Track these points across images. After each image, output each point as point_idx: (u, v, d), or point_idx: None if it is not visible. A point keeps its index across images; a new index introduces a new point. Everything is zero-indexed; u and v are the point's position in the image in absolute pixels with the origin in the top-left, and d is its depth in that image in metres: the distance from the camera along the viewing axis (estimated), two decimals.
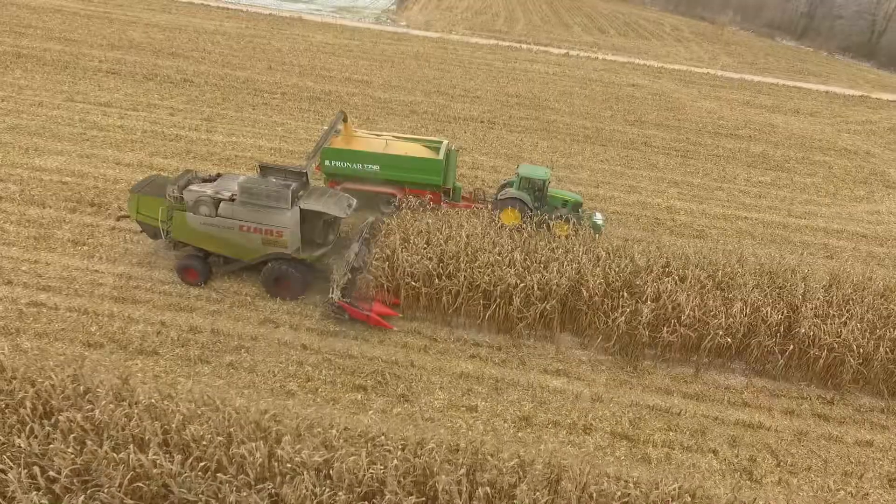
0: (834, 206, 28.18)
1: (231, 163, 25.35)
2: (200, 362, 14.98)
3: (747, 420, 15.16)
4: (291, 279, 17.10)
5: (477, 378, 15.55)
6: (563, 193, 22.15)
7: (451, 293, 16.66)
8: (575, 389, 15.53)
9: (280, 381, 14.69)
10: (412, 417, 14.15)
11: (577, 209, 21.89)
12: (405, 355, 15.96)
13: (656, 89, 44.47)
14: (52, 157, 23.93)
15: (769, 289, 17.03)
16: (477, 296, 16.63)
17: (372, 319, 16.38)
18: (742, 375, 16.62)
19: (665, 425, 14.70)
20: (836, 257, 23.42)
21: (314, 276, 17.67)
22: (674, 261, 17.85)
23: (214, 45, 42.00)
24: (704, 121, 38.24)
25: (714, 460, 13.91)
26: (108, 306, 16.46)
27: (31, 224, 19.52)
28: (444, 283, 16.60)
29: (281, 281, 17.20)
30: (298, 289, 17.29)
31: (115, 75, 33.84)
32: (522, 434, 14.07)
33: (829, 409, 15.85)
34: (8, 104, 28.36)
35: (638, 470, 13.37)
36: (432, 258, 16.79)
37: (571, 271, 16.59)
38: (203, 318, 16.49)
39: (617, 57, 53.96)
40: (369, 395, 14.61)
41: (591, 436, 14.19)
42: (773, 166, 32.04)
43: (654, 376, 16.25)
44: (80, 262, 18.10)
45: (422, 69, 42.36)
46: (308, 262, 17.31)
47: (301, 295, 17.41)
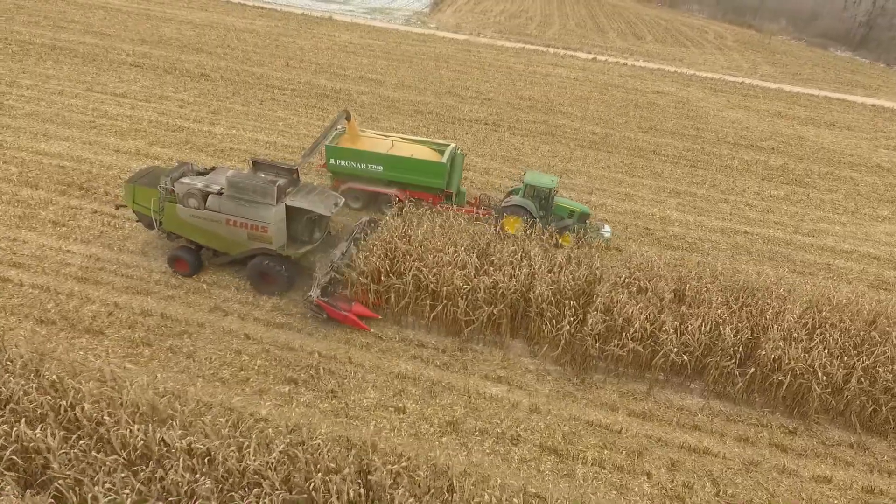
0: (850, 224, 26.26)
1: (225, 154, 25.91)
2: (143, 344, 15.28)
3: (694, 444, 14.21)
4: (276, 275, 17.11)
5: (413, 379, 15.21)
6: (571, 203, 21.56)
7: (399, 291, 16.41)
8: (514, 398, 14.97)
9: (214, 369, 14.79)
10: (337, 414, 13.98)
11: (584, 220, 21.28)
12: (345, 351, 15.81)
13: (682, 97, 42.81)
14: (58, 143, 25.11)
15: (737, 306, 15.93)
16: (424, 296, 16.32)
17: (349, 319, 16.23)
18: (700, 397, 15.61)
19: (601, 442, 13.95)
20: (838, 279, 21.81)
21: (299, 273, 17.64)
22: (638, 271, 16.97)
23: (240, 42, 43.23)
24: (726, 130, 36.49)
25: (646, 483, 13.10)
26: (70, 285, 17.04)
27: (20, 204, 20.49)
28: (392, 281, 16.37)
29: (265, 276, 17.25)
30: (283, 285, 17.29)
31: (137, 68, 35.28)
32: (446, 439, 13.65)
33: (791, 439, 14.67)
34: (31, 92, 29.98)
35: (559, 486, 12.78)
36: (381, 255, 16.56)
37: (522, 276, 16.01)
38: (157, 302, 16.83)
39: (648, 63, 52.33)
40: (299, 389, 14.51)
41: (518, 447, 13.62)
42: (790, 180, 30.19)
43: (603, 391, 15.48)
44: (56, 241, 18.83)
45: (439, 70, 42.28)
46: (292, 258, 17.23)
47: (285, 291, 17.40)
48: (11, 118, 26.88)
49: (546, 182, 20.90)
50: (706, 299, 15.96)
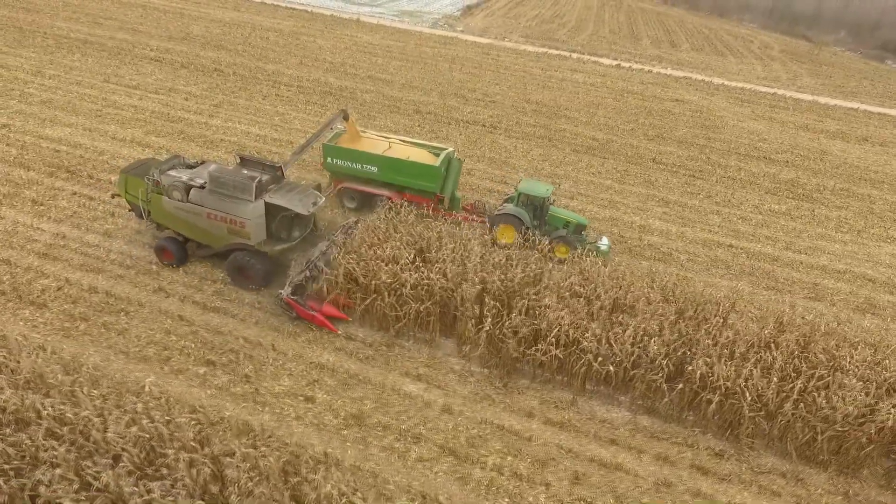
0: (853, 244, 24.46)
1: (214, 145, 26.72)
2: (80, 319, 15.88)
3: (608, 459, 13.52)
4: (253, 270, 17.18)
5: (332, 371, 15.16)
6: (567, 214, 20.90)
7: (331, 283, 16.43)
8: (429, 397, 14.68)
9: (141, 346, 15.21)
10: (246, 398, 14.10)
11: (580, 232, 20.60)
12: (272, 339, 15.94)
13: (702, 106, 41.13)
14: (61, 129, 26.56)
15: (675, 317, 15.08)
16: (355, 289, 16.27)
17: (316, 319, 16.11)
18: (628, 411, 14.86)
19: (506, 448, 13.48)
20: (819, 299, 20.34)
21: (277, 270, 17.54)
22: (576, 276, 16.34)
23: (262, 41, 44.60)
24: (740, 141, 34.78)
25: (543, 494, 12.55)
26: (30, 260, 17.94)
27: (8, 183, 21.75)
28: (326, 276, 16.41)
29: (243, 271, 17.35)
30: (259, 280, 17.30)
31: (157, 62, 36.95)
32: (347, 432, 13.53)
33: (716, 462, 13.75)
34: (52, 81, 31.87)
35: (450, 488, 12.43)
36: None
37: (451, 274, 15.71)
38: (106, 280, 17.48)
39: (675, 71, 50.59)
40: (215, 371, 14.72)
41: (418, 445, 13.34)
42: (797, 195, 28.43)
43: (524, 397, 14.97)
44: (30, 219, 19.88)
45: (451, 72, 42.26)
46: (269, 255, 17.20)
47: (262, 287, 17.39)
48: (27, 104, 28.65)
49: (540, 191, 20.23)
50: (641, 309, 15.17)
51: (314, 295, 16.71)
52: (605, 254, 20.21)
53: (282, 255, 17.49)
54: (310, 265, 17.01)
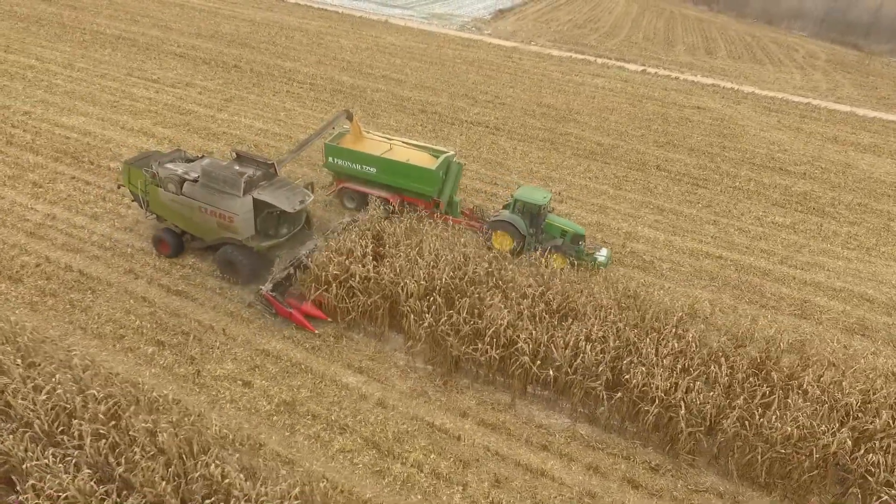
0: (858, 261, 23.01)
1: (216, 137, 27.58)
2: (50, 295, 16.68)
3: (535, 465, 13.18)
4: (239, 265, 17.31)
5: (276, 358, 15.38)
6: (564, 222, 20.26)
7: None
8: (366, 390, 14.68)
9: (99, 324, 15.83)
10: (187, 379, 14.46)
11: (578, 242, 19.87)
12: (225, 323, 16.30)
13: (724, 114, 39.63)
14: (76, 117, 27.99)
15: (622, 325, 14.56)
16: (309, 280, 16.44)
17: (293, 317, 16.08)
18: (568, 418, 14.44)
19: (431, 446, 13.33)
20: (804, 317, 19.23)
21: (264, 266, 17.27)
22: (530, 277, 16.01)
23: (286, 39, 45.76)
24: (757, 151, 33.31)
25: (458, 494, 12.35)
26: (18, 238, 18.97)
27: (15, 166, 23.08)
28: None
29: (231, 265, 17.50)
30: (246, 275, 17.37)
31: (181, 58, 38.46)
32: (277, 418, 13.68)
33: (650, 477, 13.18)
34: (79, 74, 33.64)
35: (365, 481, 12.39)
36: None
37: (398, 268, 15.67)
38: (82, 260, 18.29)
39: (705, 79, 48.95)
40: (163, 352, 15.17)
41: (342, 436, 13.37)
42: (807, 208, 26.99)
43: (463, 396, 14.77)
44: (27, 199, 21.02)
45: (467, 74, 42.23)
46: (256, 250, 17.15)
47: (249, 282, 17.33)
48: (51, 94, 30.35)
49: (536, 198, 19.65)
50: (590, 314, 14.73)
51: (296, 293, 16.68)
52: (603, 265, 19.45)
53: (269, 251, 17.34)
54: (294, 263, 16.99)
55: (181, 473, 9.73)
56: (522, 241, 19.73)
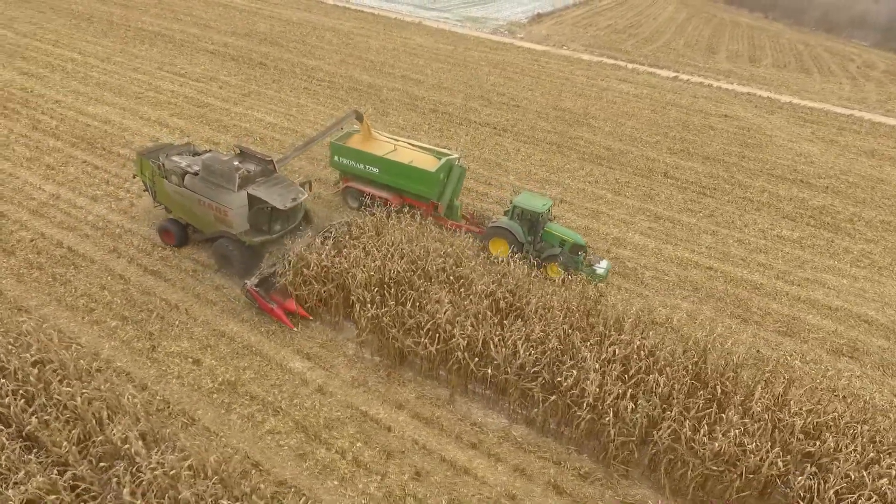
0: (866, 280, 21.53)
1: (227, 130, 28.64)
2: (36, 268, 17.79)
3: (461, 462, 13.03)
4: (233, 258, 17.55)
5: (230, 339, 15.84)
6: (564, 232, 19.61)
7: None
8: (310, 376, 14.92)
9: (74, 298, 16.75)
10: (142, 353, 15.10)
11: (577, 252, 19.25)
12: (190, 304, 16.92)
13: (753, 123, 37.91)
14: (101, 107, 29.70)
15: (567, 327, 14.20)
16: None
17: (273, 313, 16.14)
18: (507, 418, 14.20)
19: (359, 434, 13.41)
20: (794, 335, 18.15)
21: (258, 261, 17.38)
22: (487, 276, 15.84)
23: (317, 39, 46.98)
24: (779, 162, 31.69)
25: (375, 483, 12.37)
26: (20, 214, 20.30)
27: (35, 149, 24.71)
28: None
29: (225, 258, 17.79)
30: (239, 269, 17.41)
31: (211, 54, 40.15)
32: (217, 396, 14.10)
33: (578, 484, 12.80)
34: (114, 67, 35.66)
35: (287, 463, 12.59)
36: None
37: (353, 258, 15.84)
38: (74, 237, 19.40)
39: (742, 87, 46.97)
40: (125, 326, 15.90)
41: (275, 418, 13.64)
42: (821, 223, 25.46)
43: (404, 389, 14.77)
44: (38, 180, 22.48)
45: (488, 76, 42.14)
46: (247, 244, 17.27)
47: (243, 276, 17.11)
48: (84, 84, 32.33)
49: (535, 205, 19.15)
50: (531, 315, 14.45)
51: (281, 289, 16.51)
52: (601, 278, 18.86)
53: (262, 246, 17.42)
54: (283, 259, 16.80)
55: (86, 437, 10.21)
56: (520, 248, 19.23)
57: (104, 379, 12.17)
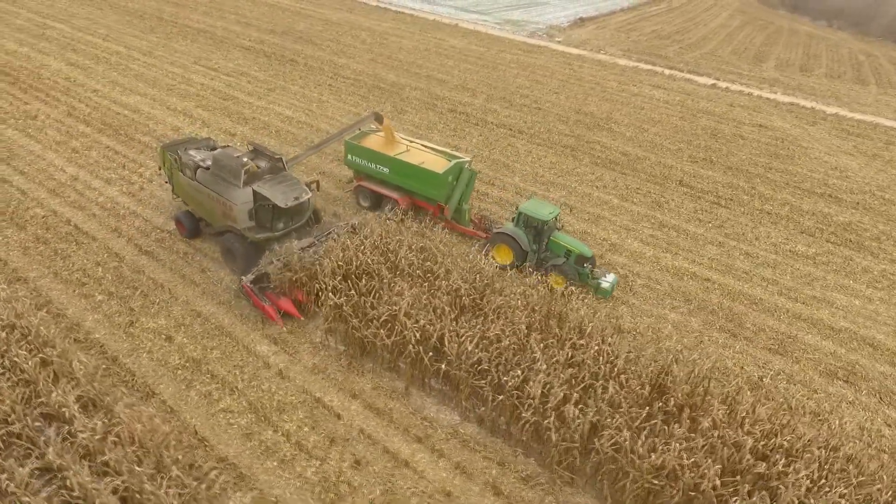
0: (881, 302, 20.07)
1: (246, 121, 29.62)
2: (42, 243, 18.93)
3: (403, 455, 13.02)
4: (236, 254, 17.62)
5: (204, 319, 16.37)
6: (570, 241, 19.06)
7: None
8: (273, 360, 15.25)
9: (70, 272, 17.73)
10: (120, 326, 15.82)
11: (582, 263, 18.58)
12: (175, 285, 17.59)
13: (789, 134, 36.05)
14: (134, 97, 31.31)
15: (525, 329, 13.92)
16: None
17: (265, 311, 16.22)
18: (459, 415, 14.06)
19: (308, 419, 13.61)
20: (785, 354, 17.13)
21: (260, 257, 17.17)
22: (456, 272, 15.74)
23: (352, 39, 47.91)
24: (810, 175, 29.98)
25: (312, 468, 12.52)
26: (39, 193, 21.65)
27: (66, 134, 26.28)
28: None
29: (230, 253, 17.90)
30: (241, 265, 17.38)
31: (245, 50, 41.61)
32: (181, 372, 14.60)
33: (518, 487, 12.54)
34: (154, 61, 37.50)
35: (233, 441, 12.91)
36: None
37: (324, 248, 16.07)
38: (82, 216, 20.51)
39: (783, 97, 44.75)
40: (110, 301, 16.70)
41: (231, 398, 14.01)
42: (841, 240, 23.92)
43: (362, 379, 14.88)
44: (62, 162, 23.90)
45: (516, 78, 41.83)
46: (250, 241, 17.36)
47: (245, 271, 17.05)
48: (122, 76, 34.15)
49: (541, 213, 18.61)
50: (486, 312, 14.25)
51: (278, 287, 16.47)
52: (606, 292, 18.32)
53: (266, 243, 17.32)
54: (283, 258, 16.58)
55: (29, 398, 10.83)
56: (524, 256, 18.85)
57: (61, 347, 12.82)
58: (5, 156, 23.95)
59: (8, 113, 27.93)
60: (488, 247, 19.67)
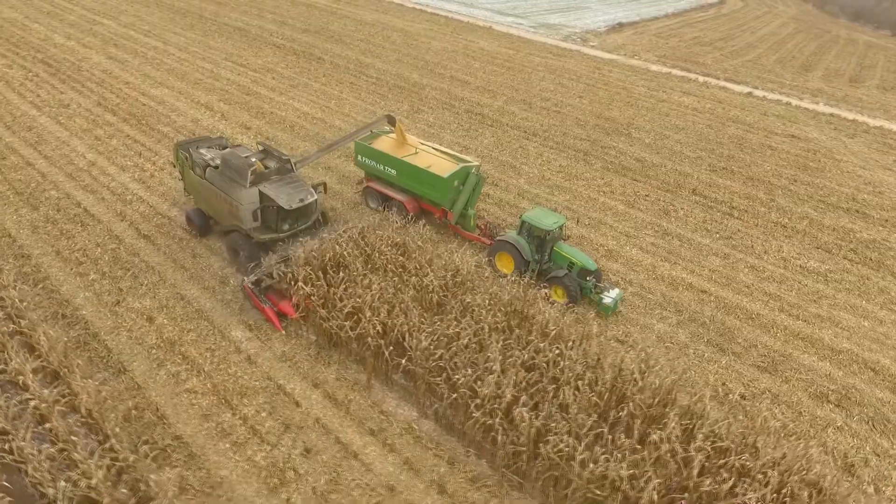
0: (892, 325, 18.79)
1: (263, 115, 30.40)
2: (51, 223, 19.95)
3: (354, 446, 13.07)
4: (241, 254, 17.70)
5: (187, 302, 16.89)
6: (574, 253, 18.37)
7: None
8: (246, 346, 15.58)
9: (71, 251, 18.62)
10: (106, 305, 16.48)
11: (585, 276, 17.96)
12: (165, 268, 18.20)
13: (823, 146, 34.28)
14: (162, 90, 32.63)
15: (486, 325, 13.72)
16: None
17: (264, 312, 16.14)
18: (418, 411, 13.99)
19: (266, 405, 13.83)
20: (774, 373, 16.26)
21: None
22: (426, 267, 15.68)
23: (382, 39, 48.50)
24: (838, 189, 28.41)
25: (262, 452, 12.72)
26: (57, 176, 22.83)
27: (92, 122, 27.63)
28: None
29: (235, 253, 18.01)
30: (245, 265, 17.22)
31: (276, 48, 42.70)
32: (155, 352, 15.08)
33: (464, 487, 12.38)
34: (188, 56, 38.95)
35: (192, 420, 13.26)
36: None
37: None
38: (93, 200, 21.51)
39: (824, 107, 42.58)
40: (102, 280, 17.44)
41: (198, 378, 14.39)
42: (861, 258, 22.53)
43: (327, 369, 15.05)
44: (84, 147, 25.15)
45: (540, 81, 41.37)
46: (254, 241, 17.35)
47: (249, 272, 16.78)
48: (155, 69, 35.66)
49: (545, 222, 18.01)
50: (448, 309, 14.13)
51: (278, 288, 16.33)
52: (608, 308, 17.49)
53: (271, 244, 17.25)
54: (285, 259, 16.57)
55: None
56: (526, 266, 18.31)
57: (30, 318, 13.49)
58: (34, 141, 25.39)
59: (45, 101, 29.63)
60: (492, 254, 19.20)
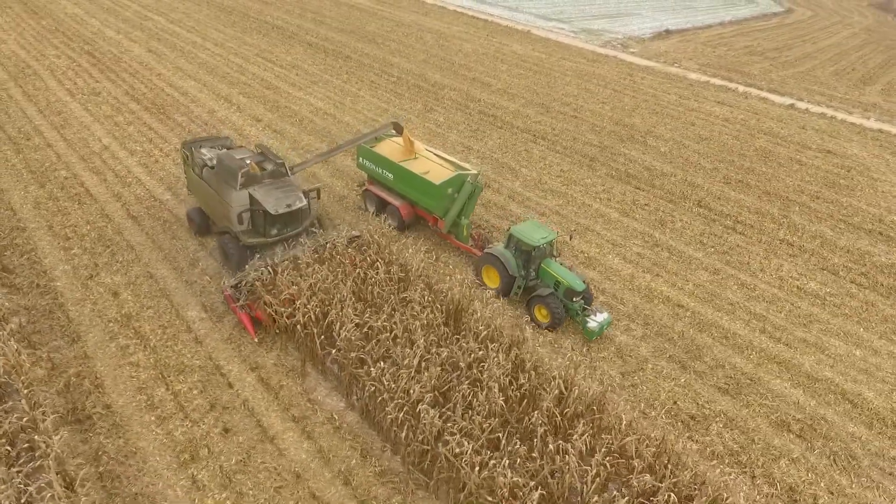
0: (888, 356, 17.18)
1: (277, 109, 31.28)
2: (53, 199, 21.25)
3: (272, 431, 13.28)
4: (230, 256, 17.65)
5: (154, 280, 17.63)
6: (561, 272, 17.34)
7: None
8: (196, 326, 16.12)
9: (64, 226, 19.78)
10: (81, 278, 17.37)
11: (572, 297, 16.96)
12: (143, 248, 19.02)
13: (860, 163, 31.87)
14: (189, 81, 34.17)
15: (418, 322, 13.53)
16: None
17: (239, 317, 15.88)
18: (345, 402, 13.97)
19: (198, 384, 14.27)
20: (736, 396, 15.20)
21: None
22: (377, 262, 15.65)
23: (415, 40, 48.93)
24: (864, 208, 26.30)
25: (182, 427, 13.09)
26: (70, 157, 24.31)
27: (116, 109, 29.24)
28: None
29: (225, 254, 17.99)
30: (234, 266, 17.25)
31: (308, 46, 43.88)
32: (112, 325, 15.76)
33: (373, 482, 12.23)
34: (222, 51, 40.62)
35: (128, 393, 13.78)
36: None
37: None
38: (95, 180, 22.75)
39: (873, 123, 39.60)
40: (83, 255, 18.39)
41: (143, 353, 14.96)
42: (872, 283, 20.74)
43: (270, 353, 15.34)
44: (103, 133, 26.64)
45: (565, 86, 40.56)
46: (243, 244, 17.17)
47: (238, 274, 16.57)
48: (188, 62, 37.38)
49: (531, 237, 17.14)
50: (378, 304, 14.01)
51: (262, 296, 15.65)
52: (592, 333, 16.49)
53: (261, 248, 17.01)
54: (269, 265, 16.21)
55: None
56: (511, 281, 17.58)
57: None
58: (60, 124, 27.16)
59: (79, 88, 31.63)
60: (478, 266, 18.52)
